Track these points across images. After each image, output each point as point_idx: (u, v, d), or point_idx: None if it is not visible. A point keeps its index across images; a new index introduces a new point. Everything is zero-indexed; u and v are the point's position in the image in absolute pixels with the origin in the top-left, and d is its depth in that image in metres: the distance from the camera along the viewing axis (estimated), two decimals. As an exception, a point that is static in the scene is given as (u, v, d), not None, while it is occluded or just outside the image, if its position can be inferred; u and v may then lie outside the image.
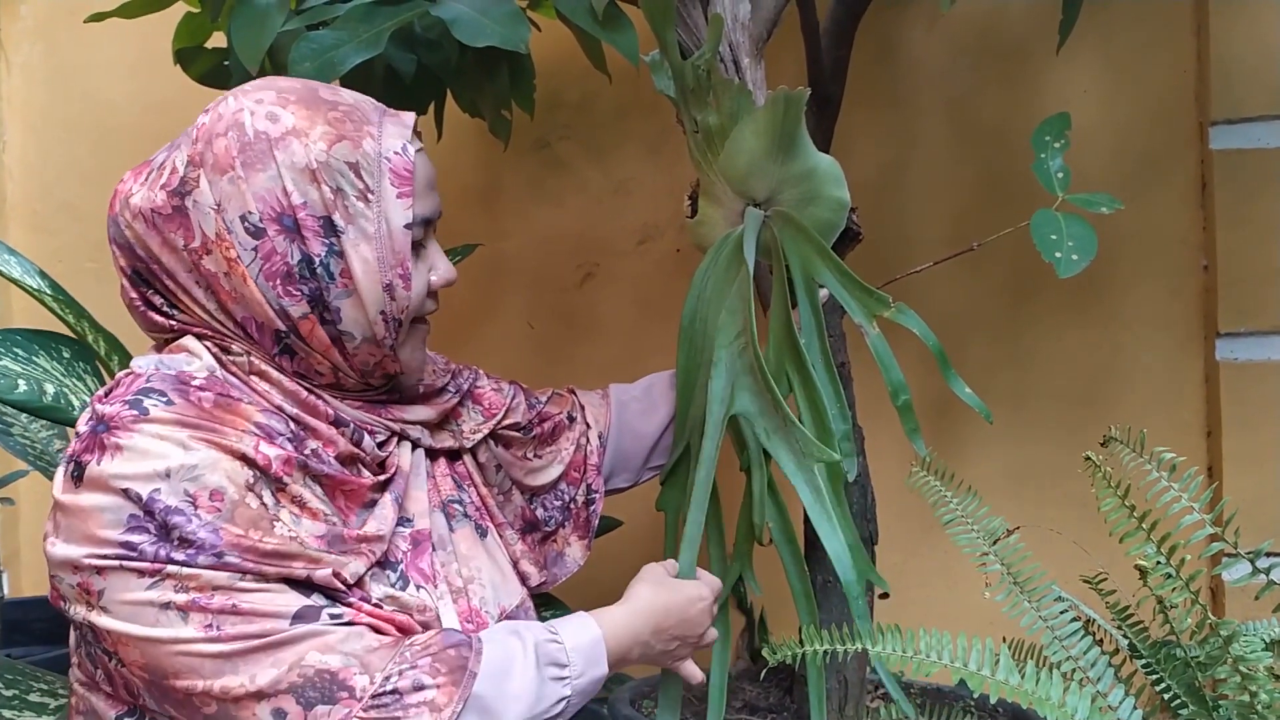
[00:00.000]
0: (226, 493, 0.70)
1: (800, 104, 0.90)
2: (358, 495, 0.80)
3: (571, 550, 1.03)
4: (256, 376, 0.79)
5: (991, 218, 1.45)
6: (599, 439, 1.06)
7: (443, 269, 0.84)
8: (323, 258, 0.76)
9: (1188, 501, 0.83)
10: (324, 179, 0.76)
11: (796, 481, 0.93)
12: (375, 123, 0.80)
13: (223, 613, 0.69)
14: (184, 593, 0.68)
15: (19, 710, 1.03)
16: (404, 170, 0.78)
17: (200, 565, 0.68)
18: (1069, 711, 0.71)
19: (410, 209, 0.79)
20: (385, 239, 0.78)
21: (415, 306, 0.81)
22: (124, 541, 0.68)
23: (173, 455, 0.69)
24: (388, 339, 0.80)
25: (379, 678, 0.70)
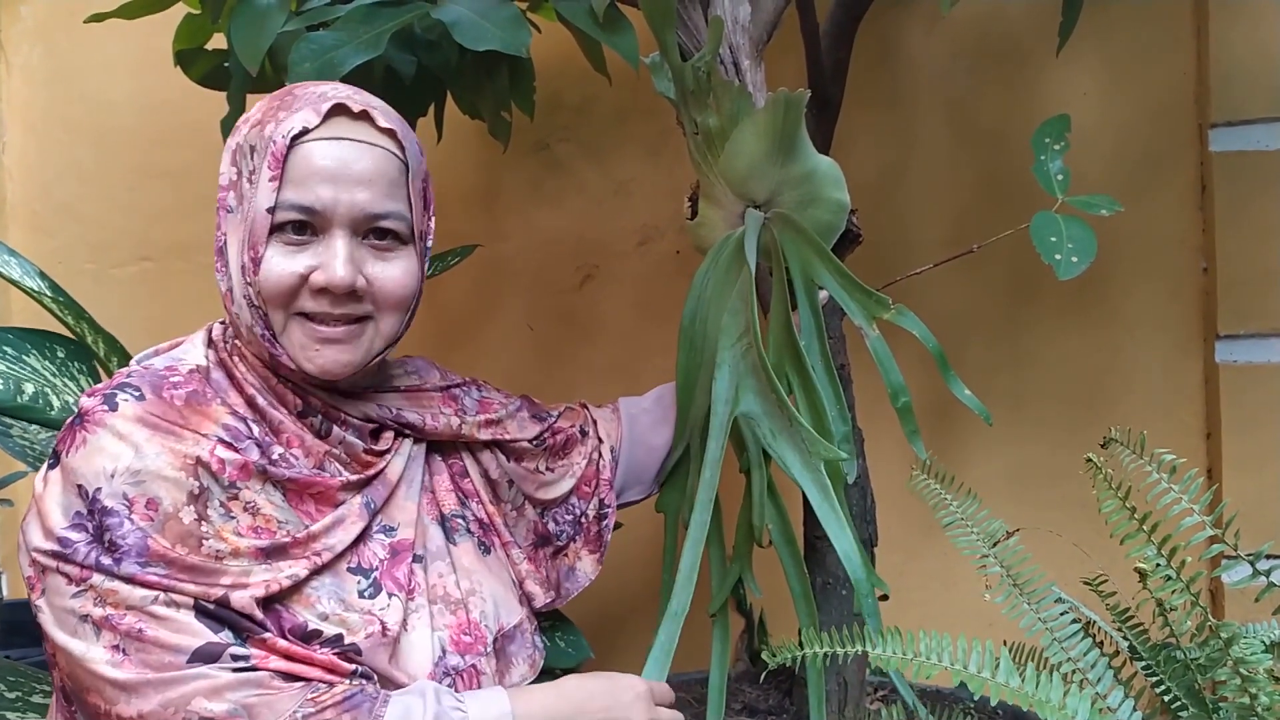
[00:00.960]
0: (162, 504, 0.71)
1: (800, 106, 0.90)
2: (327, 497, 0.80)
3: (583, 565, 1.03)
4: (238, 358, 0.82)
5: (991, 220, 1.45)
6: (611, 453, 1.06)
7: (329, 268, 0.78)
8: (223, 238, 0.81)
9: (1188, 503, 0.83)
10: (238, 160, 0.80)
11: (803, 481, 0.93)
12: (292, 108, 0.79)
13: (129, 636, 0.70)
14: (100, 606, 0.70)
15: (22, 712, 1.03)
16: (279, 153, 0.77)
17: (121, 575, 0.70)
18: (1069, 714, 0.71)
19: (275, 192, 0.77)
20: (250, 221, 0.79)
21: (275, 294, 0.78)
22: (64, 537, 0.70)
23: (123, 457, 0.72)
24: (255, 325, 0.80)
25: None
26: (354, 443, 0.83)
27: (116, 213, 1.90)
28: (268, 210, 0.77)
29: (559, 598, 1.00)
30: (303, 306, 0.79)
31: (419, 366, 0.97)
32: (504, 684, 0.89)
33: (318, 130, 0.78)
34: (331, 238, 0.79)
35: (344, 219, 0.79)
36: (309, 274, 0.78)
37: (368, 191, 0.79)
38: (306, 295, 0.79)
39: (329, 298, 0.79)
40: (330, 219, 0.78)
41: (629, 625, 1.74)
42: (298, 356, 0.80)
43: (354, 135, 0.80)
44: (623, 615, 1.74)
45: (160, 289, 1.88)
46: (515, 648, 0.92)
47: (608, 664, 1.68)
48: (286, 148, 0.77)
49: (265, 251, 0.78)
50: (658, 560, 1.10)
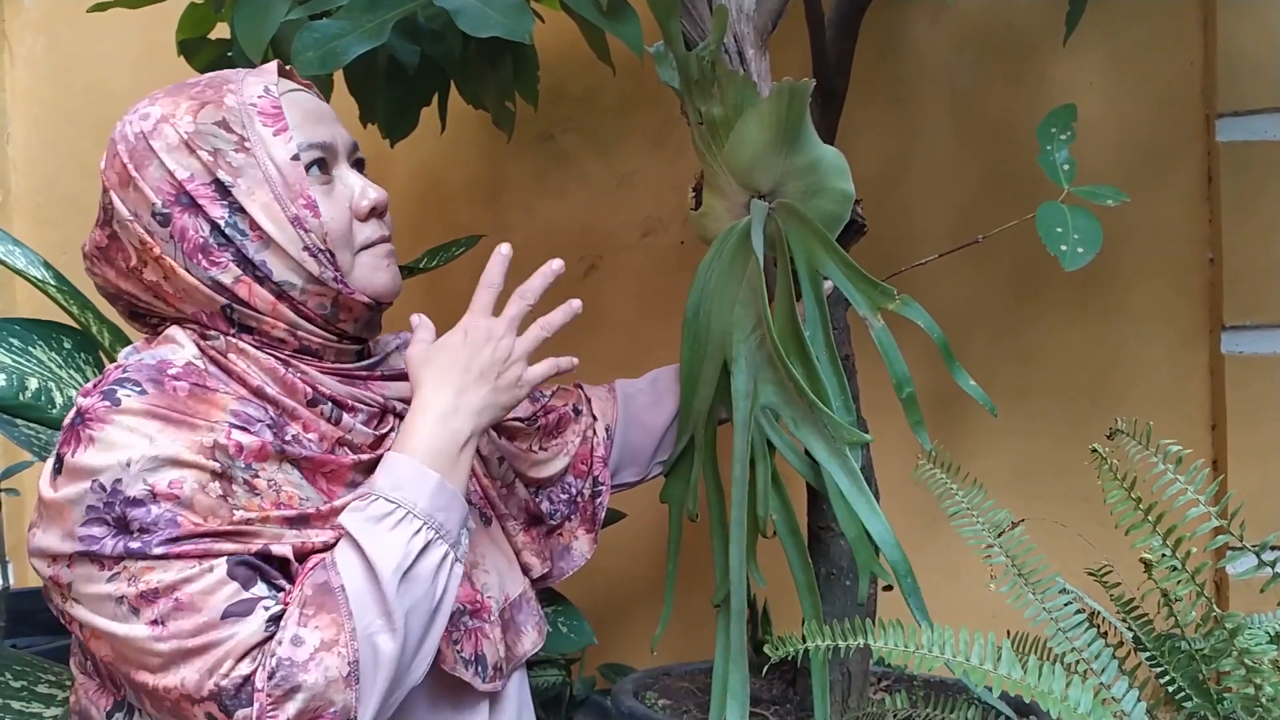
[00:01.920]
0: (185, 482, 0.71)
1: (805, 96, 0.90)
2: (339, 476, 0.80)
3: (578, 544, 1.03)
4: (234, 354, 0.80)
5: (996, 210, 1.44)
6: (605, 432, 1.06)
7: (368, 192, 0.83)
8: (227, 218, 0.78)
9: (1193, 494, 0.83)
10: (199, 146, 0.79)
11: (830, 466, 0.93)
12: (235, 80, 0.82)
13: (167, 607, 0.69)
14: (135, 585, 0.69)
15: (28, 701, 1.03)
16: (272, 109, 0.80)
17: (154, 553, 0.69)
18: (1072, 704, 0.71)
19: (291, 140, 0.80)
20: (276, 177, 0.79)
21: (339, 232, 0.81)
22: (86, 535, 0.70)
23: (137, 446, 0.70)
24: (326, 272, 0.80)
25: (271, 662, 0.69)
26: (365, 431, 0.83)
27: (120, 203, 1.90)
28: (292, 158, 0.79)
29: (553, 576, 1.01)
30: (364, 236, 0.84)
31: (408, 340, 0.97)
32: (516, 654, 0.90)
33: (279, 86, 0.83)
34: (342, 170, 0.84)
35: (344, 151, 0.84)
36: (351, 204, 0.83)
37: (341, 126, 0.86)
38: (359, 225, 0.83)
39: (377, 219, 0.85)
40: (337, 153, 0.84)
41: (632, 614, 1.74)
42: (371, 281, 0.84)
43: (300, 87, 0.86)
44: (626, 605, 1.75)
45: (164, 280, 1.88)
46: (523, 616, 0.93)
47: (611, 651, 1.69)
48: (278, 101, 0.81)
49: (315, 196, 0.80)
50: (661, 549, 1.10)
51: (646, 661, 1.38)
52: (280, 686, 0.68)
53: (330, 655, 0.69)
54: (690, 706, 1.16)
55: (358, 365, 0.87)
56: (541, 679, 1.52)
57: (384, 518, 0.74)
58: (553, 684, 1.53)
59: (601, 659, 1.66)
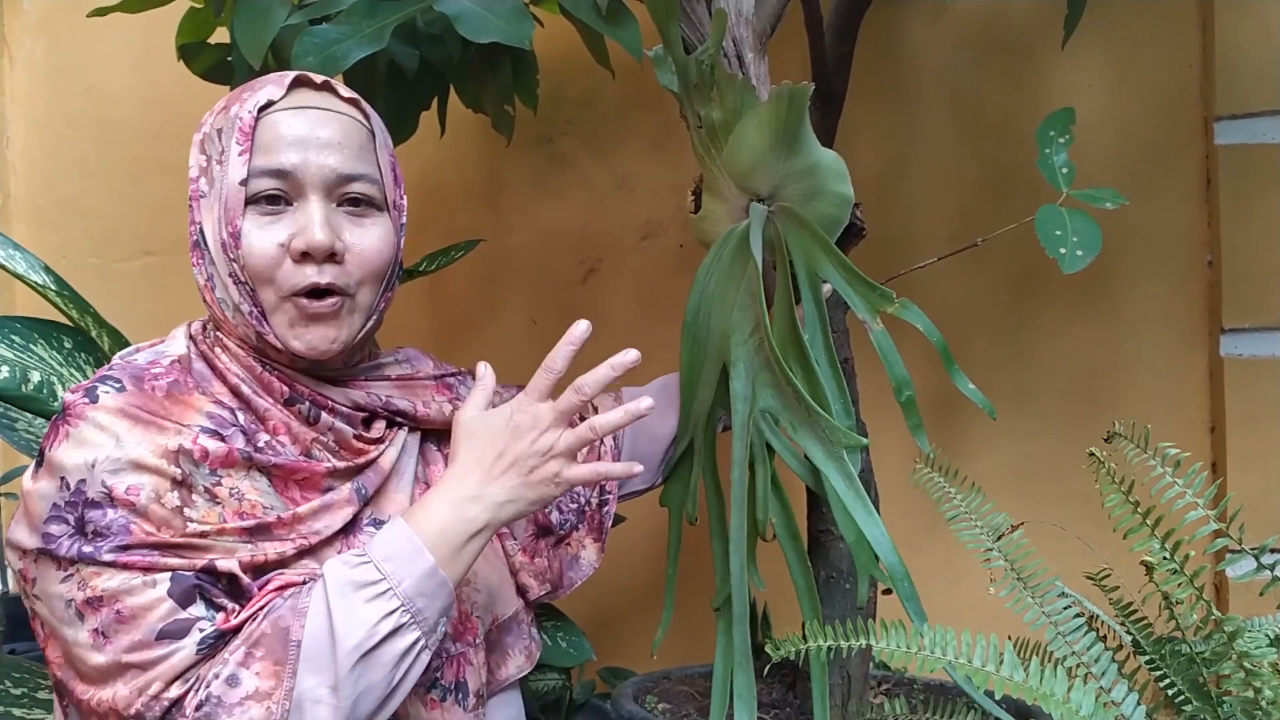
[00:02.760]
0: (143, 489, 0.71)
1: (804, 99, 0.90)
2: (313, 483, 0.80)
3: (586, 553, 1.02)
4: (220, 349, 0.81)
5: (995, 213, 1.45)
6: (613, 441, 1.06)
7: (307, 232, 0.78)
8: (201, 226, 0.81)
9: (1192, 497, 0.83)
10: (205, 148, 0.81)
11: (828, 470, 0.93)
12: (256, 89, 0.82)
13: (108, 618, 0.70)
14: (84, 589, 0.70)
15: (29, 708, 1.03)
16: (247, 128, 0.79)
17: (104, 559, 0.69)
18: (1073, 707, 0.71)
19: (246, 164, 0.78)
20: (224, 198, 0.79)
21: (257, 268, 0.78)
22: (46, 533, 0.71)
23: (104, 447, 0.71)
24: (243, 304, 0.79)
25: (202, 691, 0.68)
26: (343, 429, 0.82)
27: (120, 207, 1.90)
28: (240, 182, 0.78)
29: (562, 587, 1.00)
30: (292, 282, 0.78)
31: (410, 355, 0.97)
32: (499, 677, 0.89)
33: (282, 101, 0.81)
34: (306, 204, 0.79)
35: (316, 182, 0.79)
36: (289, 243, 0.78)
37: (337, 155, 0.80)
38: (290, 267, 0.79)
39: (313, 265, 0.79)
40: (302, 183, 0.79)
41: (632, 618, 1.74)
42: (285, 336, 0.80)
43: (318, 104, 0.82)
44: (626, 609, 1.74)
45: (164, 283, 1.88)
46: (511, 639, 0.92)
47: (611, 655, 1.69)
48: (254, 121, 0.79)
49: (243, 225, 0.78)
50: (660, 556, 1.10)
51: (646, 665, 1.38)
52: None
53: (259, 707, 0.68)
54: (690, 710, 1.16)
55: (334, 371, 0.85)
56: (541, 683, 1.52)
57: (365, 586, 0.72)
58: (552, 688, 1.53)
59: (601, 663, 1.66)
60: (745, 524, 0.97)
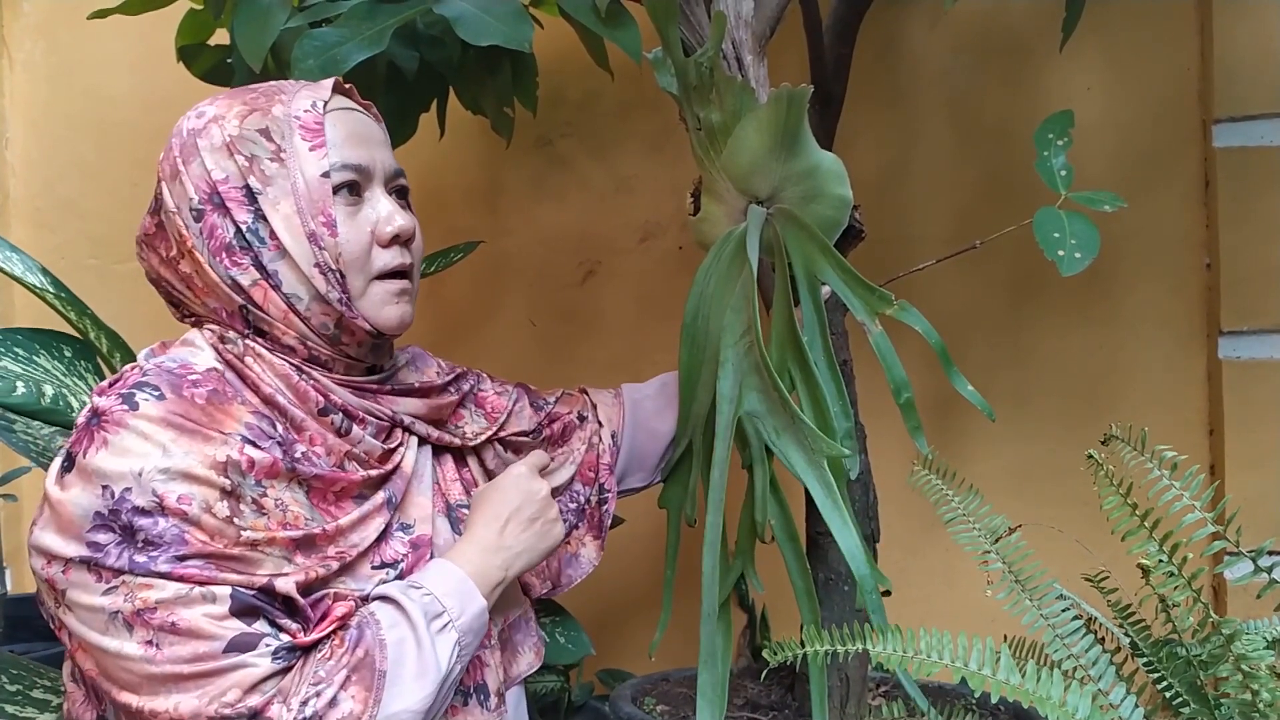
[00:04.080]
0: (194, 499, 0.70)
1: (803, 101, 0.90)
2: (348, 492, 0.80)
3: (586, 550, 1.03)
4: (250, 357, 0.80)
5: (994, 216, 1.45)
6: (612, 439, 1.06)
7: (394, 219, 0.83)
8: (250, 224, 0.79)
9: (1189, 500, 0.83)
10: (238, 150, 0.80)
11: (807, 478, 0.92)
12: (290, 91, 0.83)
13: (162, 629, 0.69)
14: (132, 602, 0.69)
15: (22, 706, 1.03)
16: (314, 124, 0.81)
17: (157, 571, 0.68)
18: (1070, 710, 0.71)
19: (325, 158, 0.80)
20: (303, 191, 0.79)
21: (355, 255, 0.81)
22: (92, 541, 0.69)
23: (151, 456, 0.70)
24: (332, 292, 0.80)
25: (295, 703, 0.69)
26: (373, 444, 0.83)
27: (119, 208, 1.90)
28: (322, 175, 0.80)
29: (560, 586, 1.00)
30: (382, 264, 0.83)
31: (416, 354, 0.97)
32: (511, 674, 0.90)
33: (332, 103, 0.83)
34: (374, 195, 0.84)
35: (381, 176, 0.84)
36: (374, 229, 0.83)
37: (386, 150, 0.86)
38: (379, 251, 0.83)
39: (398, 248, 0.84)
40: (372, 177, 0.84)
41: (631, 621, 1.74)
42: (378, 314, 0.83)
43: (353, 106, 0.86)
44: (624, 610, 1.74)
45: (163, 285, 1.88)
46: (521, 637, 0.93)
47: (609, 657, 1.69)
48: (321, 117, 0.81)
49: (334, 214, 0.80)
50: (659, 556, 1.10)
51: (644, 667, 1.38)
52: None
53: None
54: (688, 712, 1.16)
55: (368, 379, 0.86)
56: (540, 685, 1.52)
57: (435, 618, 0.77)
58: (551, 690, 1.53)
59: (600, 665, 1.66)
60: (721, 524, 0.97)
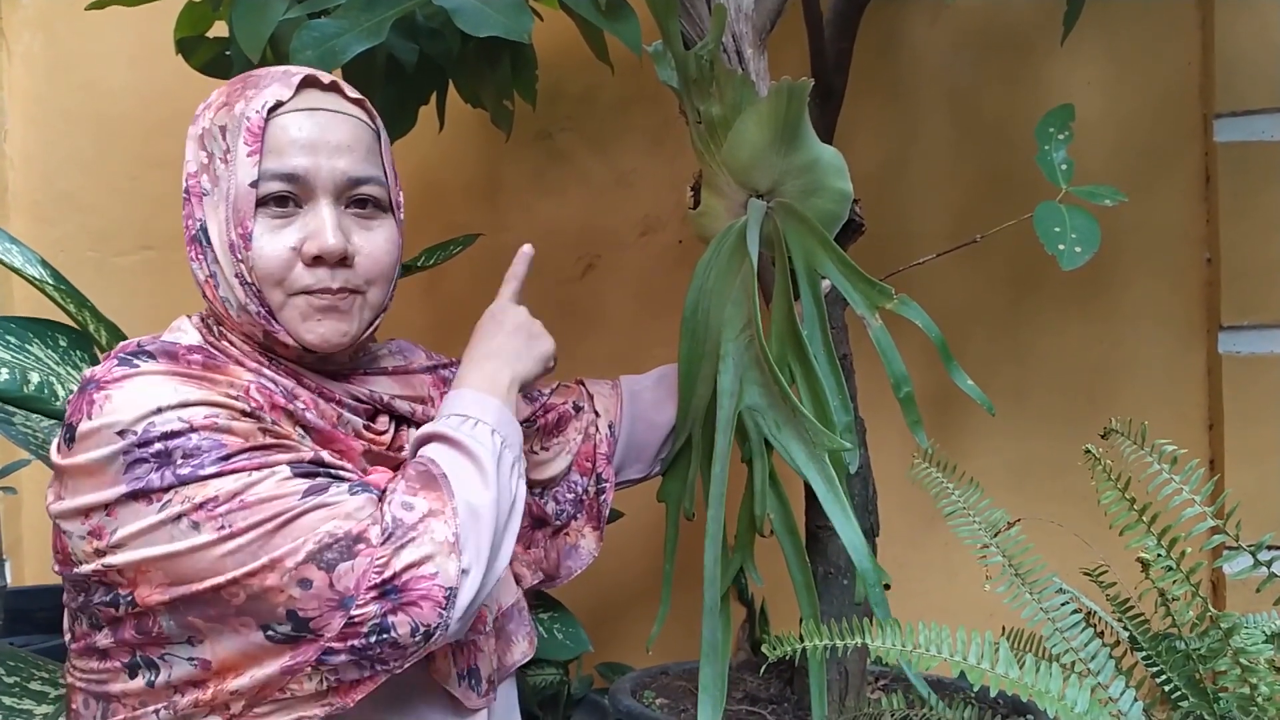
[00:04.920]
0: (219, 415, 0.71)
1: (803, 95, 0.90)
2: (349, 458, 0.80)
3: (585, 541, 1.03)
4: (227, 342, 0.81)
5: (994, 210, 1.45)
6: (609, 429, 1.05)
7: (320, 236, 0.79)
8: (203, 222, 0.79)
9: (1189, 494, 0.83)
10: (205, 144, 0.80)
11: (808, 472, 0.92)
12: (260, 86, 0.80)
13: (232, 511, 0.69)
14: (191, 503, 0.68)
15: (19, 697, 1.03)
16: (255, 128, 0.78)
17: (206, 473, 0.69)
18: (1069, 704, 0.71)
19: (256, 165, 0.78)
20: (232, 198, 0.78)
21: (269, 271, 0.78)
22: (130, 477, 0.69)
23: (163, 395, 0.70)
24: (250, 304, 0.79)
25: (387, 519, 0.71)
26: (353, 419, 0.83)
27: (118, 201, 1.90)
28: (250, 184, 0.77)
29: (559, 577, 1.01)
30: (300, 282, 0.79)
31: (402, 346, 0.97)
32: (506, 663, 0.90)
33: (291, 103, 0.80)
34: (316, 207, 0.80)
35: (326, 186, 0.80)
36: (300, 246, 0.79)
37: (346, 158, 0.81)
38: (301, 270, 0.79)
39: (325, 268, 0.80)
40: (313, 187, 0.79)
41: (629, 613, 1.74)
42: (298, 330, 0.80)
43: (326, 105, 0.82)
44: (623, 604, 1.75)
45: (162, 277, 1.88)
46: (514, 626, 0.93)
47: (608, 650, 1.69)
48: (264, 121, 0.78)
49: (253, 228, 0.78)
50: (657, 550, 1.10)
51: (644, 660, 1.38)
52: (393, 540, 0.70)
53: (437, 521, 0.72)
54: (687, 705, 1.16)
55: (336, 365, 0.86)
56: (539, 678, 1.52)
57: (465, 421, 0.80)
58: (550, 683, 1.53)
59: (599, 658, 1.66)
60: (722, 518, 0.97)
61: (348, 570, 0.69)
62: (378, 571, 0.69)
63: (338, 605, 0.69)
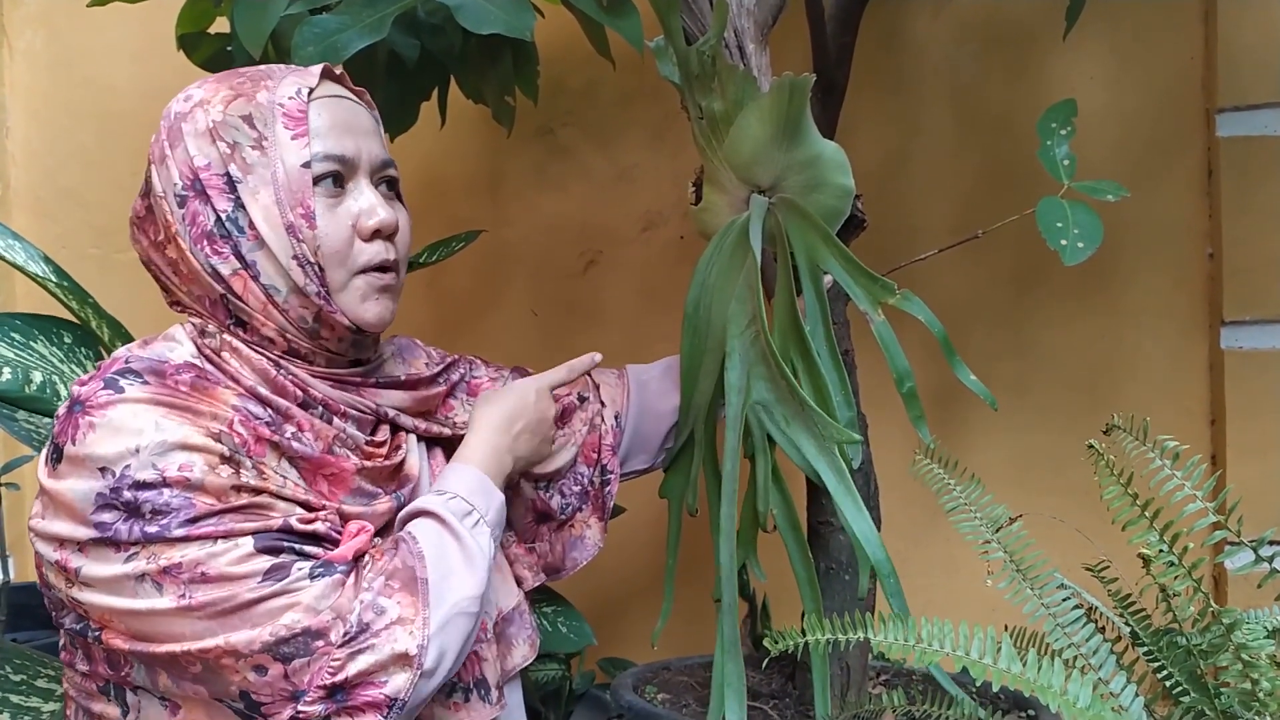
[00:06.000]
0: (195, 465, 0.70)
1: (805, 90, 0.90)
2: (342, 480, 0.80)
3: (590, 532, 1.02)
4: (228, 352, 0.79)
5: (996, 205, 1.45)
6: (615, 419, 1.05)
7: (376, 212, 0.81)
8: (229, 213, 0.78)
9: (1191, 490, 0.83)
10: (220, 136, 0.79)
11: (819, 465, 0.93)
12: (277, 77, 0.82)
13: (193, 582, 0.69)
14: (156, 563, 0.69)
15: (26, 695, 1.03)
16: (297, 112, 0.79)
17: (174, 535, 0.69)
18: (1071, 699, 0.71)
19: (307, 147, 0.78)
20: (282, 181, 0.78)
21: (334, 249, 0.79)
22: (99, 522, 0.69)
23: (146, 432, 0.70)
24: (309, 285, 0.79)
25: (351, 619, 0.71)
26: (355, 435, 0.82)
27: (120, 198, 1.89)
28: (303, 165, 0.78)
29: (564, 569, 1.00)
30: (366, 258, 0.81)
31: (402, 345, 0.96)
32: (506, 667, 0.90)
33: (319, 90, 0.82)
34: (359, 187, 0.82)
35: (366, 167, 0.83)
36: (355, 223, 0.81)
37: (374, 140, 0.84)
38: (361, 245, 0.81)
39: (381, 242, 0.82)
40: (357, 168, 0.82)
41: (632, 608, 1.75)
42: (357, 310, 0.81)
43: (344, 94, 0.84)
44: (625, 599, 1.75)
45: (164, 274, 1.88)
46: (515, 630, 0.92)
47: (610, 645, 1.70)
48: (305, 105, 0.79)
49: (315, 207, 0.79)
50: (658, 546, 1.10)
51: (646, 656, 1.39)
52: (352, 644, 0.70)
53: (403, 630, 0.72)
54: (689, 700, 1.17)
55: (350, 371, 0.85)
56: (541, 673, 1.52)
57: (467, 515, 0.81)
58: (552, 678, 1.53)
59: (601, 653, 1.67)
60: (735, 515, 0.97)
61: (303, 665, 0.69)
62: (330, 672, 0.70)
63: (290, 696, 0.70)
